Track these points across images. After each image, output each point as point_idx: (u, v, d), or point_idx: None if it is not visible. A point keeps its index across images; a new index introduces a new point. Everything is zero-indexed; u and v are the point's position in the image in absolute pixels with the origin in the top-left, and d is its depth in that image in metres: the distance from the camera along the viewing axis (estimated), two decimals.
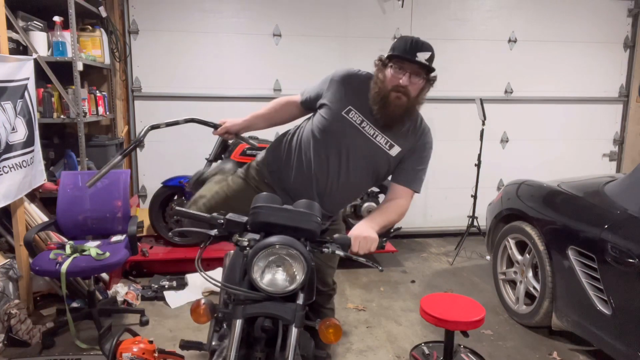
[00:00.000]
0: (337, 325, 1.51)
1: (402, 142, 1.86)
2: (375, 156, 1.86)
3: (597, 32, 4.94)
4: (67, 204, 3.05)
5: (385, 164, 1.88)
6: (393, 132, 1.84)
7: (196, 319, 1.53)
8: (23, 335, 2.72)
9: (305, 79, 4.55)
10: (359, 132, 1.85)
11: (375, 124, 1.84)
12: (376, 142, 1.85)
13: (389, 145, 1.85)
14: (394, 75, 1.76)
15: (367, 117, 1.84)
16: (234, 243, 1.51)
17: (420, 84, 1.79)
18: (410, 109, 1.82)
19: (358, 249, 1.62)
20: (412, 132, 1.88)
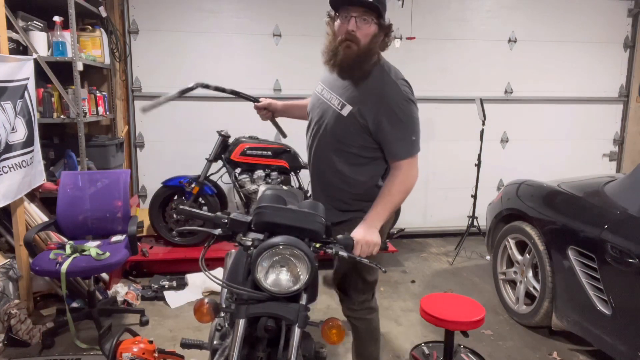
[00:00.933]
0: (340, 326, 1.52)
1: (356, 99, 1.75)
2: (331, 119, 1.80)
3: (597, 32, 4.95)
4: (67, 204, 3.05)
5: (340, 126, 1.78)
6: (348, 91, 1.77)
7: (199, 318, 1.54)
8: (23, 335, 2.72)
9: (305, 79, 4.57)
10: (320, 101, 1.88)
11: (332, 88, 1.83)
12: (330, 104, 1.82)
13: (341, 105, 1.77)
14: (342, 25, 1.71)
15: (327, 84, 1.88)
16: (238, 243, 1.51)
17: (371, 30, 1.70)
18: (362, 58, 1.71)
19: (360, 252, 1.62)
20: (372, 90, 1.74)
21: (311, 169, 1.97)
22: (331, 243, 1.57)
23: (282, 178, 4.03)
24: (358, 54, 1.70)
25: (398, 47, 4.62)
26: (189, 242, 4.02)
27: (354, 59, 1.71)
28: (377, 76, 1.76)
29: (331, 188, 1.90)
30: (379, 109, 1.71)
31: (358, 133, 1.76)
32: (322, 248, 1.56)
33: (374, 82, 1.75)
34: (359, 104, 1.74)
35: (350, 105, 1.75)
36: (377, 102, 1.72)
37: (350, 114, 1.75)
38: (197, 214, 1.64)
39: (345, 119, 1.75)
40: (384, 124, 1.72)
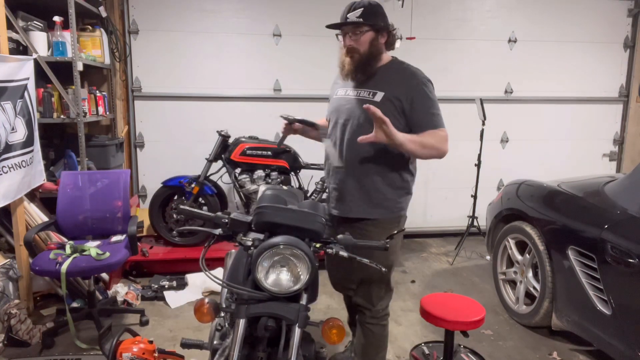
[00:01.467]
0: (341, 327, 1.52)
1: (385, 85, 1.99)
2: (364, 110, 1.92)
3: (597, 32, 4.95)
4: (67, 204, 3.05)
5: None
6: (372, 83, 2.01)
7: (200, 317, 1.54)
8: (23, 335, 2.72)
9: (305, 79, 4.58)
10: (345, 100, 2.08)
11: (355, 86, 2.06)
12: (360, 98, 2.02)
13: (372, 94, 2.00)
14: (342, 42, 2.03)
15: (347, 86, 2.10)
16: (238, 243, 1.51)
17: (367, 37, 1.97)
18: (369, 58, 1.99)
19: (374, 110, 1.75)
20: (396, 77, 2.00)
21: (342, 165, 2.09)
22: (331, 243, 1.58)
23: (282, 178, 4.03)
24: (361, 59, 1.98)
25: (398, 47, 4.62)
26: (189, 242, 4.02)
27: (360, 64, 1.98)
28: (396, 66, 2.05)
29: (367, 179, 2.03)
30: (410, 88, 1.96)
31: (394, 115, 1.93)
32: (322, 248, 1.56)
33: (396, 70, 2.03)
34: (389, 88, 1.97)
35: (381, 91, 1.97)
36: (406, 83, 1.97)
37: (384, 99, 1.96)
38: (198, 213, 1.64)
39: (380, 104, 1.93)
40: (416, 100, 1.95)
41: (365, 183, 2.04)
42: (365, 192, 2.04)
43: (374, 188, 2.03)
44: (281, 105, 4.60)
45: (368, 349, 2.21)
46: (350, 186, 2.07)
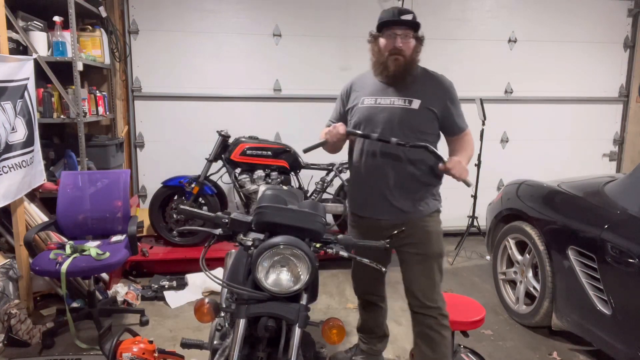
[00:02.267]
0: (341, 326, 1.52)
1: (419, 94, 2.04)
2: (402, 116, 2.03)
3: (597, 32, 4.95)
4: (67, 204, 3.05)
5: (414, 118, 2.04)
6: (406, 91, 2.04)
7: (200, 317, 1.54)
8: (23, 335, 2.72)
9: (305, 79, 4.58)
10: (378, 109, 2.07)
11: (386, 94, 2.07)
12: (395, 106, 2.05)
13: (408, 102, 2.04)
14: (388, 42, 2.01)
15: (376, 94, 2.09)
16: (239, 243, 1.51)
17: (412, 43, 2.02)
18: (410, 66, 2.03)
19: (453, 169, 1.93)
20: (428, 84, 2.08)
21: (381, 169, 2.09)
22: (331, 243, 1.58)
23: (282, 178, 4.03)
24: (406, 63, 2.01)
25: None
26: (189, 242, 4.02)
27: (404, 68, 2.01)
28: (425, 74, 2.12)
29: (407, 180, 2.08)
30: (443, 95, 2.07)
31: (430, 121, 2.06)
32: (322, 248, 1.56)
33: (426, 78, 2.10)
34: (425, 96, 2.04)
35: (417, 99, 2.03)
36: (439, 91, 2.07)
37: (421, 106, 2.03)
38: (198, 213, 1.64)
39: (417, 111, 2.03)
40: (448, 107, 2.07)
41: (406, 183, 2.08)
42: (406, 191, 2.09)
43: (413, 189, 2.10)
44: (281, 105, 4.60)
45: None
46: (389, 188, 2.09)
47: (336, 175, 4.08)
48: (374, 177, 2.11)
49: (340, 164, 4.09)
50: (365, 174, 2.14)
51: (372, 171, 2.12)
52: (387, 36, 2.01)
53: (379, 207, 2.13)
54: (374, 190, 2.12)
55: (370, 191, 2.14)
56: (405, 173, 2.07)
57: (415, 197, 2.10)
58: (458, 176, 1.95)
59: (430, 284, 2.17)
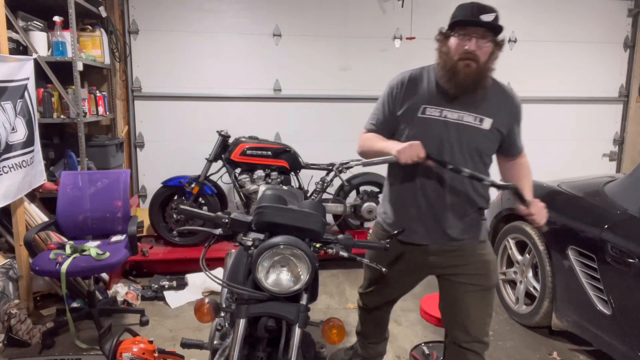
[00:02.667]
0: (341, 326, 1.52)
1: (491, 111, 1.77)
2: (470, 135, 1.76)
3: (597, 32, 4.95)
4: (67, 204, 3.05)
5: (483, 140, 1.79)
6: (477, 106, 1.76)
7: (200, 317, 1.54)
8: (23, 335, 2.72)
9: (305, 79, 4.58)
10: (443, 123, 1.76)
11: (454, 106, 1.76)
12: (464, 123, 1.76)
13: (479, 120, 1.77)
14: (460, 43, 1.68)
15: (442, 104, 1.77)
16: (239, 242, 1.51)
17: (489, 48, 1.69)
18: (482, 76, 1.71)
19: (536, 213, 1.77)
20: (500, 101, 1.81)
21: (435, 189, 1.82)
22: (332, 243, 1.58)
23: (282, 178, 4.03)
24: (478, 71, 1.69)
25: (398, 47, 4.63)
26: (189, 242, 4.02)
27: (476, 77, 1.70)
28: (496, 88, 1.84)
29: (463, 203, 1.84)
30: (512, 115, 1.84)
31: (496, 142, 1.84)
32: (322, 248, 1.56)
33: (498, 93, 1.83)
34: (496, 115, 1.78)
35: (489, 117, 1.77)
36: (509, 110, 1.83)
37: (492, 126, 1.78)
38: (198, 213, 1.65)
39: (488, 132, 1.78)
40: (514, 127, 1.87)
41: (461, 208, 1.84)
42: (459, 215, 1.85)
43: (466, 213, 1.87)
44: (281, 105, 4.60)
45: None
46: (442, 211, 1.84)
47: (336, 175, 4.07)
48: (424, 197, 1.83)
49: (340, 163, 4.09)
50: (414, 194, 1.85)
51: (423, 191, 1.83)
52: (459, 36, 1.68)
53: (429, 231, 1.86)
54: (424, 212, 1.84)
55: (418, 213, 1.85)
56: (463, 195, 1.81)
57: (470, 221, 1.86)
58: (538, 222, 1.77)
59: (486, 318, 1.93)
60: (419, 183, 1.83)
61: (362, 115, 5.35)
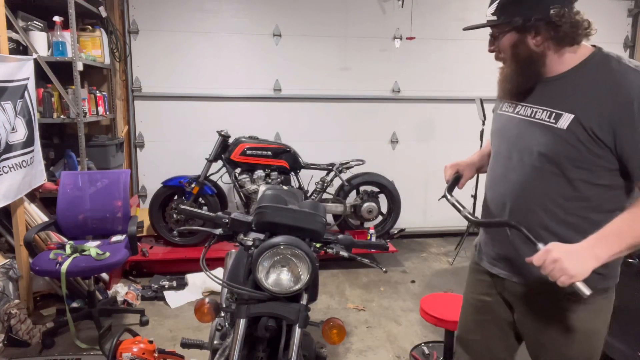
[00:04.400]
0: (341, 326, 1.52)
1: (575, 103, 1.27)
2: (541, 138, 1.31)
3: (597, 32, 4.94)
4: (67, 204, 3.05)
5: (558, 144, 1.28)
6: (558, 96, 1.31)
7: (200, 317, 1.54)
8: (23, 335, 2.72)
9: (305, 79, 4.59)
10: (514, 120, 1.43)
11: (529, 99, 1.39)
12: (536, 120, 1.34)
13: (554, 116, 1.29)
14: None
15: (521, 98, 1.42)
16: (239, 242, 1.52)
17: (507, 40, 1.35)
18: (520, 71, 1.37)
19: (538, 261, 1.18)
20: (594, 85, 1.26)
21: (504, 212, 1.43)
22: (332, 243, 1.58)
23: (282, 178, 4.04)
24: (511, 70, 1.40)
25: (398, 47, 4.63)
26: (189, 242, 4.02)
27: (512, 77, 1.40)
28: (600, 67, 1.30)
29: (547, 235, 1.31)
30: (619, 105, 1.20)
31: (588, 149, 1.24)
32: (322, 248, 1.56)
33: (598, 73, 1.28)
34: (582, 107, 1.25)
35: (569, 112, 1.27)
36: (613, 95, 1.22)
37: (572, 124, 1.25)
38: (198, 213, 1.65)
39: (565, 132, 1.26)
40: (624, 128, 1.20)
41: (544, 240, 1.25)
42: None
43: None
44: (281, 105, 4.60)
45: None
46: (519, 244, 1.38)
47: (336, 175, 4.08)
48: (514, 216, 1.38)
49: (340, 163, 4.09)
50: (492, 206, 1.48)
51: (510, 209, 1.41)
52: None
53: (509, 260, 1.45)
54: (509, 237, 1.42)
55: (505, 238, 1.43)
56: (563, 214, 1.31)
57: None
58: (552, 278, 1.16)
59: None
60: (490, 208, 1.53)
61: (362, 115, 5.38)
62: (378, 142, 4.80)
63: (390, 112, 4.76)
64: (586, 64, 1.33)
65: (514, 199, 1.39)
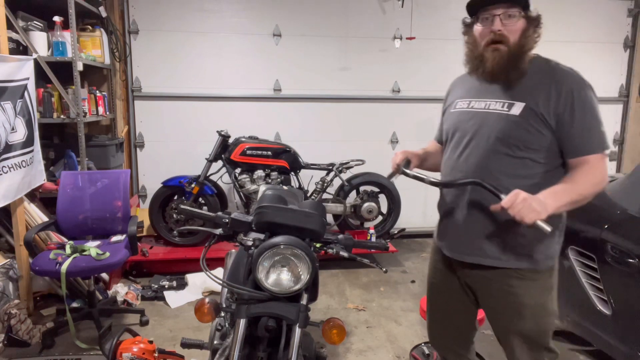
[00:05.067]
0: (341, 326, 1.52)
1: (525, 93, 1.49)
2: (497, 125, 1.51)
3: (597, 32, 4.95)
4: (67, 204, 3.05)
5: (512, 129, 1.49)
6: (509, 91, 1.52)
7: (200, 317, 1.54)
8: (23, 335, 2.72)
9: (305, 79, 4.59)
10: (471, 114, 1.60)
11: (483, 95, 1.58)
12: (490, 111, 1.54)
13: (507, 106, 1.50)
14: (484, 28, 1.52)
15: (473, 95, 1.62)
16: (239, 242, 1.52)
17: (519, 25, 1.48)
18: (516, 58, 1.49)
19: (509, 205, 1.36)
20: (543, 80, 1.49)
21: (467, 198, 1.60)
22: (332, 243, 1.58)
23: (282, 178, 4.04)
24: (510, 54, 1.49)
25: (398, 47, 4.63)
26: (189, 242, 4.02)
27: (507, 61, 1.49)
28: (542, 66, 1.53)
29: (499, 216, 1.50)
30: (560, 97, 1.46)
31: (538, 132, 1.48)
32: (322, 248, 1.56)
33: (542, 72, 1.51)
34: (533, 97, 1.48)
35: (520, 101, 1.49)
36: (556, 89, 1.47)
37: (524, 111, 1.48)
38: (198, 213, 1.65)
39: (518, 118, 1.48)
40: (567, 114, 1.45)
41: (496, 220, 1.53)
42: (496, 233, 1.55)
43: (507, 229, 1.52)
44: (281, 105, 4.60)
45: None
46: (475, 225, 1.58)
47: (336, 175, 4.08)
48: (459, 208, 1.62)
49: (340, 163, 4.09)
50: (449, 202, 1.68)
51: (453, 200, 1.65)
52: (483, 21, 1.52)
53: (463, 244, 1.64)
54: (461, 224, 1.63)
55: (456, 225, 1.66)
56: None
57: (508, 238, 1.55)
58: (519, 218, 1.36)
59: None
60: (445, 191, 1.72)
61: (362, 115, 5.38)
62: (378, 142, 4.79)
63: (390, 112, 4.76)
64: (531, 64, 1.53)
65: (473, 177, 1.53)
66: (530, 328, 1.60)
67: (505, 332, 1.66)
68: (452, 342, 1.88)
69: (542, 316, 1.60)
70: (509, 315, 1.60)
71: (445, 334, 1.88)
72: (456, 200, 1.63)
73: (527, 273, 1.56)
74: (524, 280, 1.57)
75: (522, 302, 1.57)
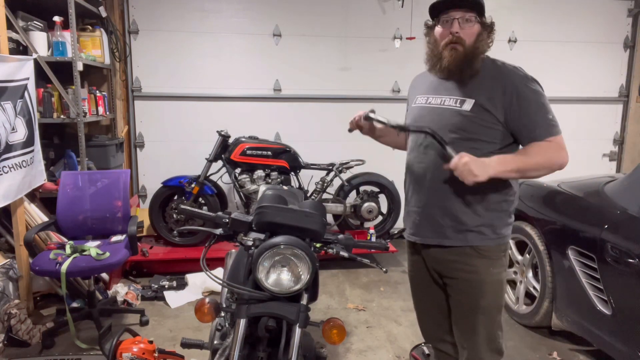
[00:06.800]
0: (341, 326, 1.52)
1: (475, 91, 1.65)
2: (451, 120, 1.66)
3: (597, 32, 4.95)
4: (67, 204, 3.04)
5: (464, 123, 1.64)
6: (462, 88, 1.68)
7: (200, 317, 1.54)
8: (23, 335, 2.72)
9: (305, 79, 4.59)
10: (428, 110, 1.75)
11: (439, 92, 1.74)
12: (445, 107, 1.69)
13: (460, 102, 1.66)
14: (444, 29, 1.66)
15: (431, 92, 1.78)
16: (239, 242, 1.52)
17: (475, 29, 1.65)
18: (470, 58, 1.64)
19: (454, 167, 1.53)
20: (491, 78, 1.65)
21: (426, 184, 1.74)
22: (332, 243, 1.58)
23: (282, 178, 4.04)
24: (465, 54, 1.64)
25: (398, 47, 4.63)
26: (189, 242, 4.02)
27: (462, 60, 1.64)
28: (490, 66, 1.69)
29: (451, 200, 1.68)
30: (505, 92, 1.62)
31: (488, 126, 1.64)
32: (323, 248, 1.56)
33: (490, 71, 1.67)
34: (481, 94, 1.64)
35: (471, 98, 1.64)
36: (502, 86, 1.63)
37: (474, 107, 1.63)
38: (198, 213, 1.65)
39: (470, 113, 1.63)
40: (514, 107, 1.61)
41: (453, 204, 1.69)
42: (452, 216, 1.69)
43: (463, 210, 1.68)
44: (281, 105, 4.60)
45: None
46: (435, 208, 1.73)
47: (336, 175, 4.08)
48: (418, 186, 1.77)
49: (340, 163, 4.09)
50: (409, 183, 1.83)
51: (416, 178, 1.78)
52: (443, 23, 1.67)
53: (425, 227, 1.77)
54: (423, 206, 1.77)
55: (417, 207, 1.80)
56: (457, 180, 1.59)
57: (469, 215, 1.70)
58: (461, 179, 1.54)
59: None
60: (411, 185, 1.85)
61: None
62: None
63: (391, 112, 4.74)
64: (484, 65, 1.69)
65: (433, 166, 1.70)
66: (490, 304, 1.76)
67: (469, 311, 1.77)
68: (440, 331, 1.97)
69: (499, 291, 1.78)
70: (474, 294, 1.74)
71: (431, 324, 1.99)
72: (418, 183, 1.77)
73: (484, 252, 1.71)
74: (482, 258, 1.71)
75: (483, 280, 1.72)
